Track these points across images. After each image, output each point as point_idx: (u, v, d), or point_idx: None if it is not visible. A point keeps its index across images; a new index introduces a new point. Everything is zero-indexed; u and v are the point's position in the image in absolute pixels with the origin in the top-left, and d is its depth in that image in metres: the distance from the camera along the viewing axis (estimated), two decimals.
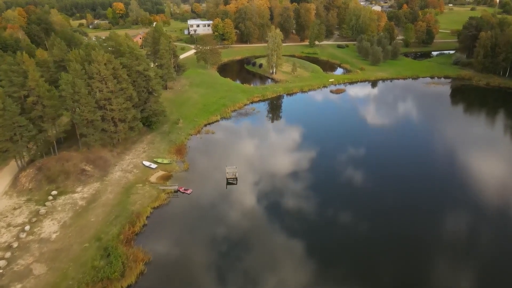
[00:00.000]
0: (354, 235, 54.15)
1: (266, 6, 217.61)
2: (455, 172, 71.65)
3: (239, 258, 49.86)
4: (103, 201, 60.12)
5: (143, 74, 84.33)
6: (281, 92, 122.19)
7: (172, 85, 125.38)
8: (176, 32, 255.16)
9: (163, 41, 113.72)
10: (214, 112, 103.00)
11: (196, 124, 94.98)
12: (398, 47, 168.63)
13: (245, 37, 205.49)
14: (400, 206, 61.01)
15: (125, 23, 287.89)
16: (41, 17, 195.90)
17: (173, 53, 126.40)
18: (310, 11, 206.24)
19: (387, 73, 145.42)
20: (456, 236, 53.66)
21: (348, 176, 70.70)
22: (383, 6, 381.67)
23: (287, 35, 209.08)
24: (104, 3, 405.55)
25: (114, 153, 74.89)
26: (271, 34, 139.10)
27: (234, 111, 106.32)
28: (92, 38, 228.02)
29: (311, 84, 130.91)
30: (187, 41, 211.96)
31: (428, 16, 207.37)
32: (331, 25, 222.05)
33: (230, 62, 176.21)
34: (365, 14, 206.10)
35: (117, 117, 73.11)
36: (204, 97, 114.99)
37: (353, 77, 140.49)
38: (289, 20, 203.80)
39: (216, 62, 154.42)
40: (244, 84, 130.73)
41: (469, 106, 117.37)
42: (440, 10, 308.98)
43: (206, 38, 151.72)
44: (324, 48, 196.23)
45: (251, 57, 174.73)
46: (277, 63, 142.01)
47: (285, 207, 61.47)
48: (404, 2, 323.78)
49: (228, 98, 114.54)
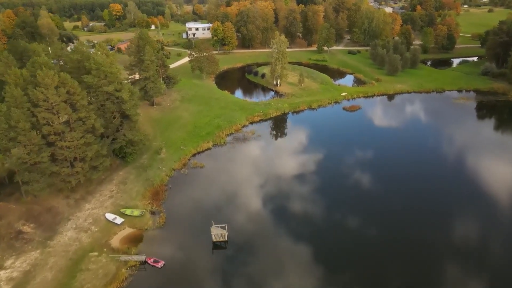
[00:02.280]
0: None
1: (270, 8, 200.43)
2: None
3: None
4: (36, 285, 43.27)
5: (114, 96, 67.60)
6: (286, 110, 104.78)
7: (161, 100, 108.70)
8: (174, 35, 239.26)
9: (148, 51, 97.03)
10: (205, 137, 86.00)
11: (182, 153, 78.03)
12: (418, 54, 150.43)
13: (247, 42, 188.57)
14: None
15: (121, 26, 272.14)
16: (25, 20, 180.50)
17: (162, 63, 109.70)
18: (318, 13, 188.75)
19: (408, 85, 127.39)
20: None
21: (376, 237, 53.40)
22: (394, 7, 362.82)
23: (293, 40, 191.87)
24: (103, 4, 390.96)
25: (71, 201, 58.23)
26: (275, 41, 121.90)
27: (230, 134, 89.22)
28: (84, 42, 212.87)
29: (320, 99, 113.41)
30: (184, 46, 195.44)
31: (448, 19, 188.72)
32: (341, 28, 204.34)
33: (230, 70, 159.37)
34: (378, 17, 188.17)
35: (72, 156, 56.38)
36: (196, 116, 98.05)
37: (369, 90, 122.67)
38: (295, 24, 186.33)
39: (213, 71, 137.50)
40: (243, 99, 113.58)
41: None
42: (456, 12, 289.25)
43: (202, 45, 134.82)
44: (333, 54, 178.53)
45: (253, 64, 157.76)
46: (281, 73, 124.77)
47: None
48: (418, 3, 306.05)
49: (224, 117, 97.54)
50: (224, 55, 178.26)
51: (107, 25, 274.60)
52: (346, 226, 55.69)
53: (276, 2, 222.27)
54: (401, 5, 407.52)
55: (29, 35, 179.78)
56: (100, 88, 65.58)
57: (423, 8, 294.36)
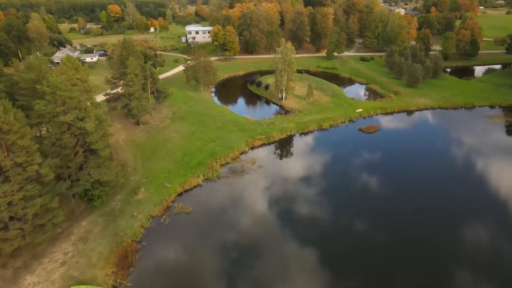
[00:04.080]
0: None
1: (276, 10, 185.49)
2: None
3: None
4: None
5: (76, 127, 53.24)
6: (293, 131, 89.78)
7: (148, 118, 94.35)
8: (173, 39, 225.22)
9: (131, 63, 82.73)
10: (196, 169, 71.35)
11: (165, 193, 63.46)
12: (440, 63, 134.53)
13: (250, 47, 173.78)
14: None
15: (119, 28, 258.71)
16: (12, 23, 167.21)
17: (150, 75, 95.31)
18: (328, 16, 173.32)
19: (431, 100, 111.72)
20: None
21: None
22: (406, 8, 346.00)
23: (300, 45, 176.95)
24: (104, 5, 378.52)
25: (8, 272, 43.91)
26: (281, 49, 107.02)
27: (225, 164, 74.51)
28: (76, 46, 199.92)
29: (332, 116, 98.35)
30: (183, 51, 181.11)
31: (471, 23, 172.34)
32: (352, 32, 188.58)
33: (231, 78, 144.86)
34: (393, 20, 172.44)
35: (6, 215, 42.03)
36: (187, 140, 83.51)
37: (387, 105, 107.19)
38: (302, 27, 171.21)
39: (211, 81, 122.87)
40: (244, 116, 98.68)
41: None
42: (474, 14, 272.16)
43: (197, 52, 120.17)
44: (344, 61, 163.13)
45: (257, 73, 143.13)
46: (287, 86, 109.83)
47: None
48: (432, 5, 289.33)
49: (219, 141, 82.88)
50: (225, 61, 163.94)
51: (104, 28, 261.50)
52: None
53: (282, 4, 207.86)
54: (412, 6, 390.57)
55: (16, 39, 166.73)
56: (55, 118, 51.20)
57: (438, 10, 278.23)
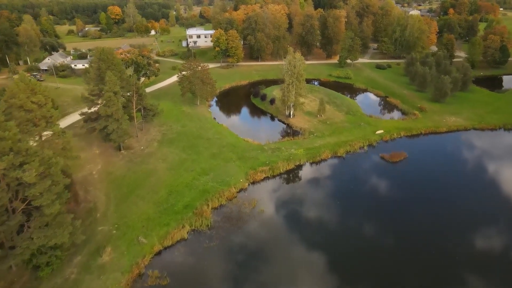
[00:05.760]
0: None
1: (284, 13, 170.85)
2: None
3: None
4: None
5: (10, 177, 39.42)
6: (302, 159, 75.02)
7: (133, 142, 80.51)
8: (173, 43, 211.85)
9: (110, 78, 68.97)
10: (182, 214, 57.19)
11: (139, 252, 49.36)
12: (469, 73, 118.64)
13: (255, 52, 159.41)
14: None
15: (118, 31, 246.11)
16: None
17: (135, 91, 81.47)
18: (340, 19, 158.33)
19: (464, 119, 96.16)
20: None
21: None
22: (421, 10, 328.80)
23: (310, 51, 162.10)
24: (107, 7, 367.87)
25: None
26: (288, 59, 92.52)
27: (219, 207, 60.22)
28: (71, 51, 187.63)
29: (348, 139, 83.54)
30: (183, 57, 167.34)
31: (499, 28, 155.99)
32: (366, 37, 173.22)
33: (233, 88, 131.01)
34: (413, 24, 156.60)
35: None
36: (175, 171, 69.44)
37: (413, 125, 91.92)
38: (312, 32, 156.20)
39: (209, 95, 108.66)
40: (244, 139, 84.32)
41: None
42: (494, 16, 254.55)
43: (193, 61, 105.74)
44: (358, 69, 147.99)
45: (262, 82, 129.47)
46: (296, 102, 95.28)
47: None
48: (450, 6, 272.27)
49: (214, 173, 68.68)
50: (227, 68, 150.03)
51: (103, 30, 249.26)
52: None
53: (291, 6, 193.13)
54: (427, 7, 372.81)
55: (3, 44, 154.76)
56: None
57: (457, 12, 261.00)
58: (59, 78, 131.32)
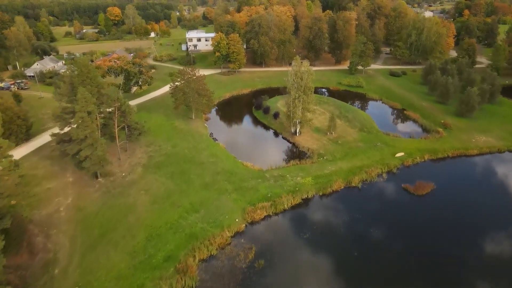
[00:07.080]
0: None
1: (289, 15, 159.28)
2: None
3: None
4: None
5: None
6: (310, 191, 63.20)
7: (113, 167, 69.34)
8: (173, 46, 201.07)
9: (82, 95, 57.93)
10: (161, 269, 45.84)
11: None
12: (498, 84, 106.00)
13: (258, 58, 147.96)
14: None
15: (116, 33, 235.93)
16: None
17: (117, 108, 70.35)
18: (351, 22, 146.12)
19: (495, 138, 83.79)
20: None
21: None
22: (433, 11, 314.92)
23: (318, 56, 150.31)
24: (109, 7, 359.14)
25: None
26: (295, 70, 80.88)
27: (207, 258, 48.77)
28: (64, 55, 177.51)
29: (364, 164, 71.71)
30: (181, 62, 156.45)
31: None
32: (378, 41, 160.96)
33: (234, 98, 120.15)
34: (430, 27, 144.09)
35: None
36: (158, 207, 58.18)
37: (438, 146, 79.74)
38: (321, 36, 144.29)
39: (206, 108, 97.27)
40: (243, 162, 72.86)
41: None
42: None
43: (187, 70, 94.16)
44: (371, 76, 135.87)
45: (265, 91, 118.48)
46: (303, 118, 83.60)
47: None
48: (465, 8, 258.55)
49: (205, 210, 57.35)
50: (228, 75, 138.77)
51: (101, 32, 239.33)
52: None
53: (297, 7, 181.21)
54: (439, 8, 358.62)
55: None
56: None
57: (472, 13, 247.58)
58: (45, 86, 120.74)
